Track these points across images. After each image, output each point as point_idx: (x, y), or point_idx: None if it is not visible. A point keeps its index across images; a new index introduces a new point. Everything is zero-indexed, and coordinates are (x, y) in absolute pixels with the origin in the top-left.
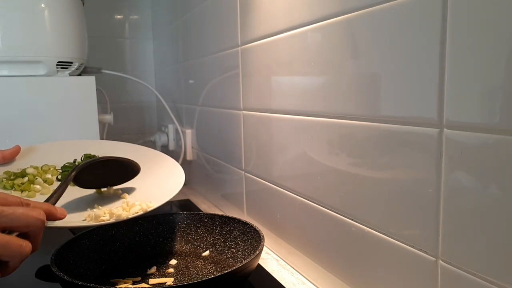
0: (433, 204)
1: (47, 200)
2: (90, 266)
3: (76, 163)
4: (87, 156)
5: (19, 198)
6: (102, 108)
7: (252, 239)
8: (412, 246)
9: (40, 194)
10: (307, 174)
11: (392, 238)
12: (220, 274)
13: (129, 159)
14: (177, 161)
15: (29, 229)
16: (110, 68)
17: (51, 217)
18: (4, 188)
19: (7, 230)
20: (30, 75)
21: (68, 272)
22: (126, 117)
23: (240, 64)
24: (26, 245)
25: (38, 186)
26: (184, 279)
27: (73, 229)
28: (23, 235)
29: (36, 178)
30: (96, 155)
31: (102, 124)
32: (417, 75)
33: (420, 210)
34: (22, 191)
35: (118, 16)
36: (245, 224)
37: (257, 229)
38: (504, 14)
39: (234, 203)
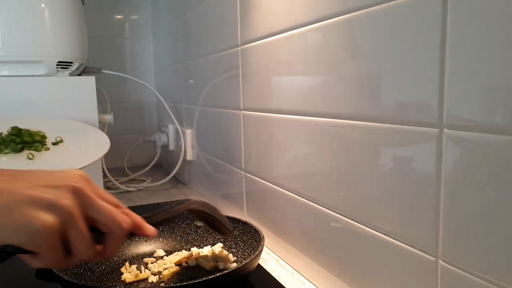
0: (433, 204)
1: (145, 217)
2: (90, 266)
3: (3, 136)
4: (14, 128)
5: (116, 200)
6: (102, 108)
7: (252, 239)
8: (412, 246)
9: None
10: (307, 174)
11: (392, 238)
12: (220, 274)
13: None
14: (177, 161)
15: (109, 230)
16: (110, 68)
17: (139, 231)
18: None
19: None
20: (30, 75)
21: (68, 272)
22: (126, 117)
23: (240, 64)
24: (127, 221)
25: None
26: (184, 279)
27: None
28: (101, 238)
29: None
30: (24, 128)
31: (102, 124)
32: (417, 75)
33: (420, 210)
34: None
35: (118, 16)
36: (245, 224)
37: (257, 229)
38: (504, 14)
39: (234, 203)
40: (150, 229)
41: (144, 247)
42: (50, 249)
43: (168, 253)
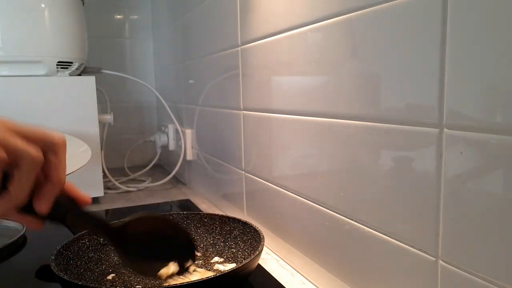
0: (433, 204)
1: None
2: (90, 266)
3: None
4: None
5: (40, 130)
6: (102, 108)
7: (252, 239)
8: (412, 246)
9: None
10: (307, 174)
11: (392, 238)
12: (220, 274)
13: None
14: (177, 161)
15: (16, 161)
16: (110, 68)
17: (71, 191)
18: None
19: None
20: (30, 75)
21: (68, 272)
22: (126, 117)
23: (240, 64)
24: (33, 150)
25: None
26: (184, 279)
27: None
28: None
29: None
30: None
31: (102, 124)
32: (417, 75)
33: (420, 210)
34: None
35: (118, 16)
36: (245, 224)
37: (257, 229)
38: (504, 14)
39: (234, 203)
40: (82, 193)
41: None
42: (29, 177)
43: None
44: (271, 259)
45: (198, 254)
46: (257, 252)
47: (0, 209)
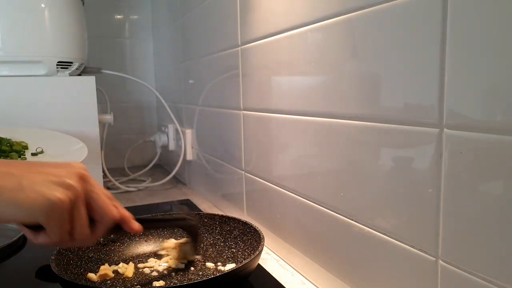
0: (433, 204)
1: (137, 218)
2: (90, 266)
3: None
4: None
5: (109, 193)
6: (102, 108)
7: (252, 239)
8: (412, 246)
9: None
10: (307, 174)
11: (392, 238)
12: (220, 274)
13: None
14: (177, 161)
15: (100, 219)
16: (110, 68)
17: (125, 224)
18: None
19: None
20: (30, 75)
21: (68, 272)
22: (126, 117)
23: (240, 64)
24: (116, 212)
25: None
26: (185, 279)
27: None
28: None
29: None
30: (7, 137)
31: (102, 124)
32: (417, 75)
33: (420, 210)
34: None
35: (118, 16)
36: (245, 224)
37: (257, 229)
38: (504, 14)
39: (234, 203)
40: (135, 224)
41: (144, 248)
42: (59, 224)
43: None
44: (271, 259)
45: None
46: (257, 252)
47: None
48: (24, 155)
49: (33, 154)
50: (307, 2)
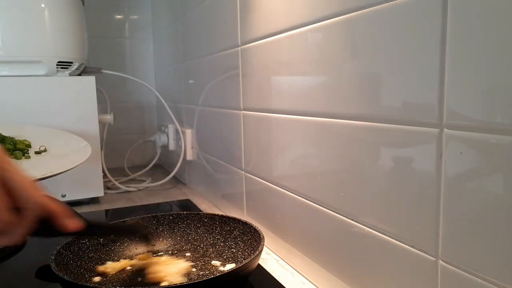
0: (433, 204)
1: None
2: (90, 266)
3: None
4: None
5: (40, 187)
6: (102, 108)
7: (252, 239)
8: (412, 246)
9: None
10: (307, 174)
11: (392, 238)
12: (220, 274)
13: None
14: (177, 161)
15: (25, 204)
16: (110, 68)
17: (59, 219)
18: None
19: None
20: (30, 75)
21: (68, 272)
22: (126, 117)
23: (240, 64)
24: (46, 199)
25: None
26: (184, 279)
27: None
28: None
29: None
30: (11, 135)
31: (102, 124)
32: (417, 75)
33: (420, 210)
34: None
35: (118, 16)
36: (245, 224)
37: (257, 229)
38: (504, 14)
39: (234, 203)
40: (71, 222)
41: (144, 247)
42: None
43: (167, 253)
44: (271, 259)
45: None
46: (257, 252)
47: None
48: (28, 153)
49: (36, 153)
50: (307, 2)
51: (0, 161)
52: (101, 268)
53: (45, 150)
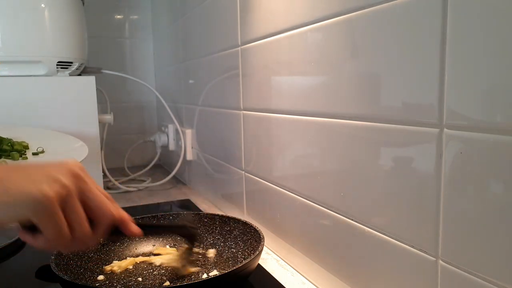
0: (433, 204)
1: (136, 218)
2: (90, 266)
3: None
4: None
5: (108, 194)
6: (102, 108)
7: (252, 239)
8: (412, 246)
9: None
10: (307, 174)
11: (392, 238)
12: (220, 274)
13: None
14: (177, 161)
15: (98, 217)
16: (110, 68)
17: (123, 225)
18: None
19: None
20: (30, 75)
21: (68, 272)
22: (126, 117)
23: (240, 64)
24: (115, 212)
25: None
26: (184, 279)
27: None
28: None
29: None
30: (8, 137)
31: (102, 124)
32: (417, 75)
33: (420, 210)
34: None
35: (118, 16)
36: (245, 224)
37: (257, 229)
38: (504, 14)
39: (234, 203)
40: (134, 227)
41: (144, 247)
42: (52, 220)
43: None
44: (271, 259)
45: (198, 250)
46: (257, 252)
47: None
48: (25, 154)
49: (34, 154)
50: (307, 2)
51: (78, 175)
52: (107, 267)
53: (42, 152)
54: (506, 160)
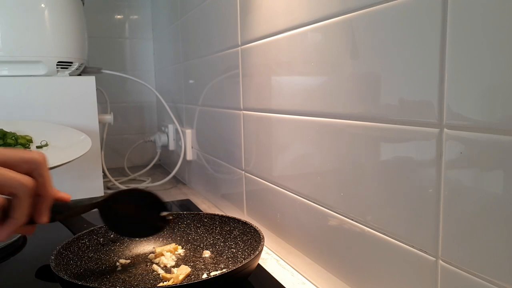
0: (433, 204)
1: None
2: (90, 266)
3: None
4: None
5: (21, 153)
6: (102, 108)
7: (252, 239)
8: (412, 246)
9: None
10: (307, 174)
11: (392, 238)
12: (220, 274)
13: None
14: (177, 161)
15: (11, 190)
16: (110, 68)
17: (44, 190)
18: None
19: None
20: (30, 75)
21: (68, 272)
22: (126, 117)
23: (240, 64)
24: (26, 179)
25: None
26: (184, 279)
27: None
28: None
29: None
30: (12, 131)
31: (102, 124)
32: (417, 75)
33: (420, 210)
34: None
35: (118, 16)
36: (245, 224)
37: (257, 229)
38: (504, 14)
39: (234, 203)
40: (62, 193)
41: (144, 247)
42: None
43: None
44: (271, 259)
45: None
46: (257, 252)
47: (6, 234)
48: (29, 148)
49: (38, 147)
50: (307, 2)
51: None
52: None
53: (46, 145)
54: (506, 160)
